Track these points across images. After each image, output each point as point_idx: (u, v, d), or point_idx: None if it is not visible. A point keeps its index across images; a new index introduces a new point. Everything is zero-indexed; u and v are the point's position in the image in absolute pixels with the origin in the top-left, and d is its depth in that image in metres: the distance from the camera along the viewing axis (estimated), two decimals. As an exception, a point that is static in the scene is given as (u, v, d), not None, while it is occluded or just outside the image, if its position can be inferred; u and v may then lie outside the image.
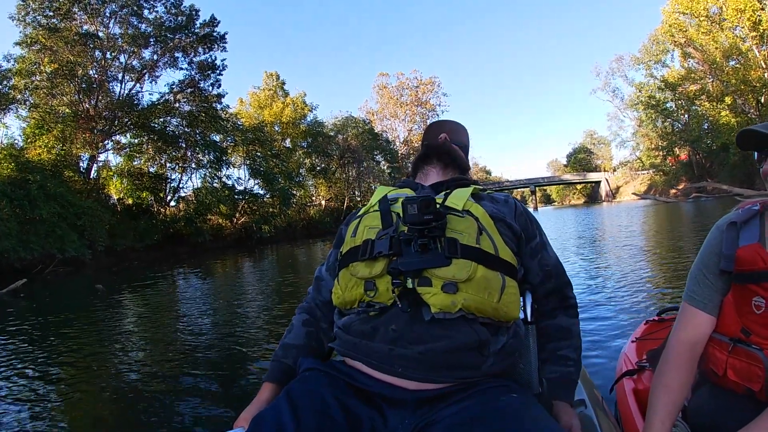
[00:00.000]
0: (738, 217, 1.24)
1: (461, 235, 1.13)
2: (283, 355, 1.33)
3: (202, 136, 30.91)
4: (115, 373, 4.34)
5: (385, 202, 1.27)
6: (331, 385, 1.10)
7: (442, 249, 1.10)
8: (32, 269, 16.45)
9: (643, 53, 53.59)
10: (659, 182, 57.50)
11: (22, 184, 18.08)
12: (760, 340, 1.15)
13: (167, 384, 3.87)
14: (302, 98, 44.06)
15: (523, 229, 1.29)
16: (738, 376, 1.19)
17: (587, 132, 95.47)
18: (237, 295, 9.27)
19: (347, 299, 1.18)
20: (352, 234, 1.25)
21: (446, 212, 1.17)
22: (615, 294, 5.84)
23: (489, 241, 1.15)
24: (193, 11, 29.49)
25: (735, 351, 1.20)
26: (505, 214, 1.26)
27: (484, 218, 1.19)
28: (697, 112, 47.15)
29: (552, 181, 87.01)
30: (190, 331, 6.02)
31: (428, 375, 1.06)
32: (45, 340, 5.87)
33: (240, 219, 32.31)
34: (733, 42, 39.20)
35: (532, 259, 1.30)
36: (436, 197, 1.23)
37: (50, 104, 24.38)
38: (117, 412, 3.45)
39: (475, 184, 1.41)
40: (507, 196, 1.36)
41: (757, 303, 1.15)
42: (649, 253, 9.73)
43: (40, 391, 3.90)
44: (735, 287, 1.22)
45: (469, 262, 1.09)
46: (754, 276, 1.15)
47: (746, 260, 1.17)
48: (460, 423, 0.97)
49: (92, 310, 8.02)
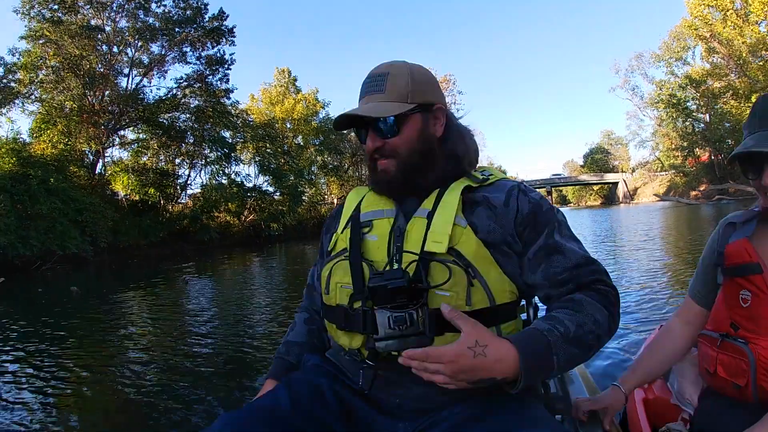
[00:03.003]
0: (737, 218, 1.29)
1: (447, 296, 1.01)
2: (285, 352, 1.35)
3: (210, 132, 30.67)
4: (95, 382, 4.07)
5: (356, 230, 1.17)
6: (330, 379, 1.13)
7: (423, 325, 0.98)
8: (31, 266, 16.28)
9: (663, 50, 53.17)
10: (679, 184, 56.45)
11: (23, 179, 17.96)
12: (746, 333, 1.17)
13: (168, 381, 3.88)
14: (314, 95, 43.56)
15: (525, 240, 1.11)
16: (726, 372, 1.21)
17: (604, 132, 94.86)
18: (241, 294, 9.07)
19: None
20: (325, 287, 1.18)
21: (426, 261, 1.04)
22: (629, 299, 5.61)
23: (483, 291, 1.04)
24: (201, 4, 29.25)
25: (723, 346, 1.22)
26: (504, 229, 1.10)
27: (477, 254, 1.06)
28: (719, 112, 46.14)
29: (568, 181, 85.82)
30: (189, 332, 5.79)
31: (425, 405, 1.06)
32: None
33: (248, 217, 31.89)
34: (760, 37, 38.10)
35: (532, 272, 1.10)
36: (410, 229, 1.12)
37: (55, 98, 24.41)
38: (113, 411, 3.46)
39: (470, 166, 1.24)
40: (511, 193, 1.14)
41: (744, 296, 1.19)
42: (666, 256, 9.70)
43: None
44: (725, 282, 1.26)
45: (457, 335, 0.94)
46: (741, 269, 1.20)
47: (733, 254, 1.22)
48: (461, 422, 0.99)
49: (63, 315, 7.45)
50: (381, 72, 1.17)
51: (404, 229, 1.12)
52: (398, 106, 1.13)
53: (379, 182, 1.21)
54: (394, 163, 1.16)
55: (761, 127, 1.13)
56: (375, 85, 1.16)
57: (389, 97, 1.14)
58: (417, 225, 1.11)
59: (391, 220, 1.16)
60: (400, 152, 1.15)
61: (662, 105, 53.05)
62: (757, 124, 1.15)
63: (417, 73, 1.19)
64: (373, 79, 1.17)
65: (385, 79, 1.16)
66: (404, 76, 1.16)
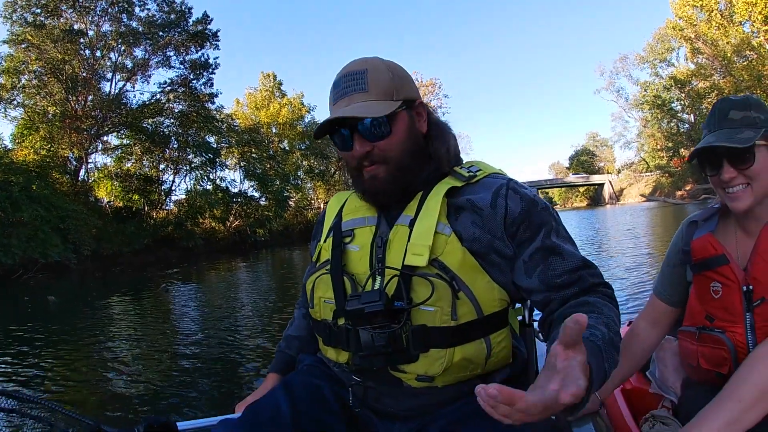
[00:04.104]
0: (698, 216, 1.35)
1: (432, 312, 0.96)
2: (286, 346, 1.35)
3: (194, 137, 30.47)
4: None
5: (338, 240, 1.12)
6: (328, 380, 1.12)
7: (407, 343, 0.96)
8: (13, 275, 16.04)
9: (648, 52, 53.77)
10: (665, 184, 57.14)
11: (5, 186, 17.71)
12: (722, 324, 1.20)
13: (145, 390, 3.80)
14: (300, 99, 43.52)
15: (516, 242, 1.03)
16: (709, 363, 1.23)
17: (590, 134, 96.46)
18: (225, 301, 9.01)
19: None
20: (310, 301, 1.15)
21: (408, 276, 0.98)
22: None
23: (469, 303, 0.98)
24: (185, 8, 29.08)
25: (702, 338, 1.24)
26: (492, 235, 1.02)
27: (462, 264, 0.99)
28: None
29: (554, 183, 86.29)
30: (168, 343, 5.70)
31: (419, 411, 1.03)
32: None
33: (234, 222, 31.70)
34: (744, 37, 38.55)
35: (528, 276, 1.02)
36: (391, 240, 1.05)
37: (38, 104, 24.22)
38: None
39: (455, 162, 1.15)
40: (498, 193, 1.05)
41: (715, 288, 1.22)
42: (646, 255, 9.73)
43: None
44: (695, 278, 1.29)
45: (443, 351, 0.96)
46: (708, 262, 1.24)
47: (699, 249, 1.27)
48: (456, 420, 0.97)
49: (38, 326, 7.27)
50: (358, 69, 1.06)
51: (386, 238, 1.06)
52: (387, 105, 1.03)
53: (368, 191, 1.10)
54: (384, 169, 1.05)
55: (720, 126, 1.21)
56: (355, 84, 1.04)
57: (374, 95, 1.03)
58: (399, 233, 1.04)
59: (373, 229, 1.10)
60: (391, 156, 1.05)
61: (647, 106, 53.63)
62: (715, 123, 1.22)
63: (395, 67, 1.10)
64: (352, 77, 1.05)
65: (365, 75, 1.04)
66: (384, 71, 1.06)
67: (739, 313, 1.18)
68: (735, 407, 1.02)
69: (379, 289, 0.98)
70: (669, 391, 1.52)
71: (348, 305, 0.97)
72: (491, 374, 1.03)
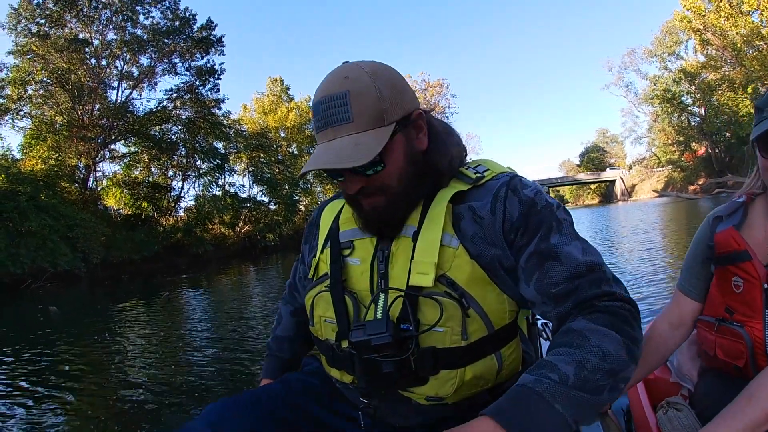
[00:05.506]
0: (723, 211, 1.30)
1: (441, 333, 0.89)
2: (277, 348, 1.31)
3: (202, 143, 30.60)
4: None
5: (336, 253, 1.03)
6: (327, 383, 1.10)
7: (416, 367, 0.91)
8: (21, 284, 16.05)
9: (656, 45, 53.13)
10: (677, 179, 56.39)
11: (12, 196, 17.79)
12: (741, 317, 1.20)
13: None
14: (307, 102, 43.52)
15: (516, 247, 0.94)
16: (726, 355, 1.23)
17: (599, 130, 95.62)
18: (236, 306, 8.93)
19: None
20: (310, 319, 1.07)
21: (414, 297, 0.90)
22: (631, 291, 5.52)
23: (480, 320, 0.90)
24: (189, 15, 29.22)
25: (720, 330, 1.25)
26: (495, 247, 0.93)
27: (471, 278, 0.91)
28: (715, 104, 45.99)
29: (565, 181, 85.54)
30: (175, 350, 5.60)
31: (426, 428, 1.00)
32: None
33: (243, 227, 31.83)
34: (754, 26, 37.94)
35: (526, 284, 0.92)
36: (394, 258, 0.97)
37: (45, 113, 24.40)
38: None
39: (460, 164, 1.05)
40: (497, 197, 0.95)
41: (736, 283, 1.21)
42: (665, 252, 9.60)
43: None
44: (717, 270, 1.28)
45: (454, 371, 0.91)
46: (730, 257, 1.22)
47: (722, 243, 1.24)
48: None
49: (37, 338, 7.18)
50: (338, 92, 0.88)
51: (388, 251, 0.97)
52: (377, 137, 0.88)
53: (369, 221, 0.99)
54: (383, 199, 0.94)
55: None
56: (337, 112, 0.88)
57: (360, 125, 0.88)
58: (402, 246, 0.96)
59: (374, 240, 1.01)
60: (388, 185, 0.94)
61: (657, 100, 52.97)
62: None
63: (382, 78, 0.92)
64: (331, 104, 0.89)
65: (347, 100, 0.88)
66: (369, 89, 0.89)
67: (759, 309, 1.17)
68: (756, 413, 0.98)
69: (384, 318, 0.90)
70: (686, 379, 1.52)
71: (352, 336, 0.90)
72: (502, 385, 0.97)
